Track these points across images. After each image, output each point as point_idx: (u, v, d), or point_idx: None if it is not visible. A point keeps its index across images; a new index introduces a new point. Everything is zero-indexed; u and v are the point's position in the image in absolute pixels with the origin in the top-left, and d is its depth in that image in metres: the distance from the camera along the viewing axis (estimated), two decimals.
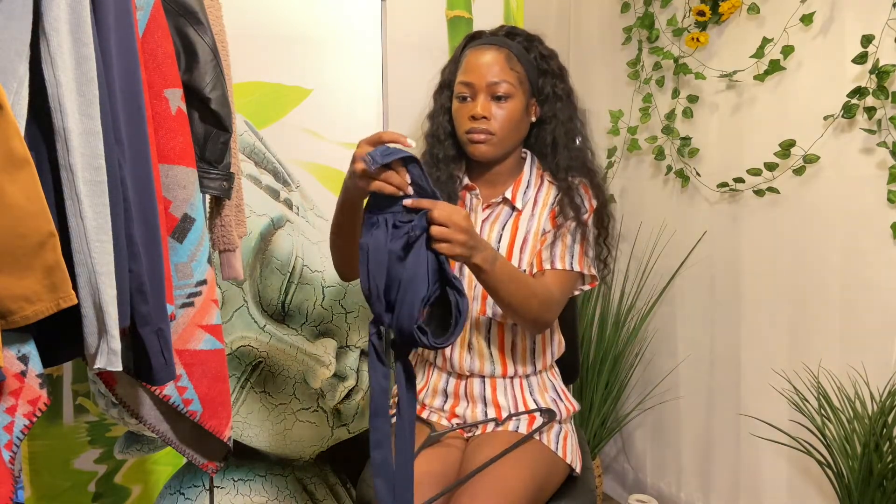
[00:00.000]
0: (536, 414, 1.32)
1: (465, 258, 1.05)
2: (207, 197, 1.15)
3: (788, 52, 1.70)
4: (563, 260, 1.26)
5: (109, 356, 0.83)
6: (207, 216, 1.19)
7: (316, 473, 1.83)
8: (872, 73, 1.53)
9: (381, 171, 0.95)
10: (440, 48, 1.84)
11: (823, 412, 1.60)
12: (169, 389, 1.05)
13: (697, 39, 1.91)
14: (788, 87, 1.73)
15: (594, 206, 1.29)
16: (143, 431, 1.68)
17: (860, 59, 1.54)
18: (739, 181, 1.84)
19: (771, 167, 1.76)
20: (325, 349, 1.75)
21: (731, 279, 1.92)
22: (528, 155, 1.36)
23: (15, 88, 0.75)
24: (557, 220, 1.29)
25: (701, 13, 1.89)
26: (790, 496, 1.79)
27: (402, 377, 1.02)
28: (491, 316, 1.31)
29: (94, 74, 0.80)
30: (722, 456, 1.97)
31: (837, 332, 1.67)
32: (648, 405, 2.18)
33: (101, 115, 0.81)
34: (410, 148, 0.98)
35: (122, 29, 0.87)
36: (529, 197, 1.33)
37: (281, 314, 1.73)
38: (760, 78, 1.78)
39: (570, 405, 1.37)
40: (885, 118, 1.54)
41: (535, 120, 1.33)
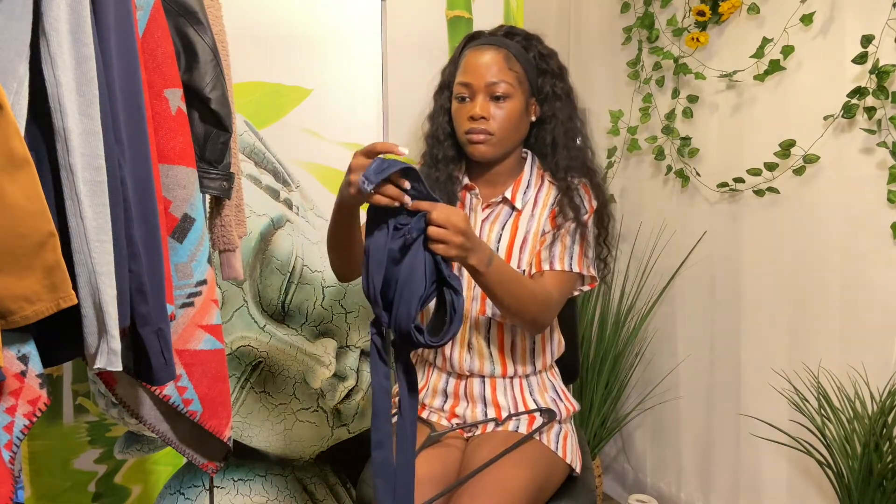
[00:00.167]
0: (536, 414, 1.31)
1: (461, 259, 1.05)
2: (207, 197, 1.15)
3: (788, 52, 1.70)
4: (562, 261, 1.26)
5: (109, 356, 0.83)
6: (207, 216, 1.19)
7: (316, 473, 1.83)
8: (872, 73, 1.53)
9: (377, 187, 0.95)
10: (440, 48, 1.84)
11: (823, 412, 1.60)
12: (169, 389, 1.05)
13: (697, 39, 1.91)
14: (788, 87, 1.73)
15: (594, 206, 1.29)
16: (143, 431, 1.68)
17: (860, 59, 1.54)
18: (739, 181, 1.84)
19: (771, 167, 1.76)
20: (325, 349, 1.75)
21: (731, 279, 1.92)
22: (528, 155, 1.36)
23: (15, 88, 0.75)
24: (557, 220, 1.29)
25: (701, 13, 1.89)
26: (790, 496, 1.79)
27: (402, 377, 1.03)
28: (490, 316, 1.31)
29: (94, 74, 0.80)
30: (722, 456, 1.97)
31: (837, 332, 1.67)
32: (648, 405, 2.18)
33: (101, 115, 0.81)
34: (403, 155, 0.98)
35: (122, 29, 0.87)
36: (529, 197, 1.33)
37: (281, 314, 1.73)
38: (760, 78, 1.78)
39: (569, 405, 1.37)
40: (885, 118, 1.53)
41: (534, 120, 1.33)
